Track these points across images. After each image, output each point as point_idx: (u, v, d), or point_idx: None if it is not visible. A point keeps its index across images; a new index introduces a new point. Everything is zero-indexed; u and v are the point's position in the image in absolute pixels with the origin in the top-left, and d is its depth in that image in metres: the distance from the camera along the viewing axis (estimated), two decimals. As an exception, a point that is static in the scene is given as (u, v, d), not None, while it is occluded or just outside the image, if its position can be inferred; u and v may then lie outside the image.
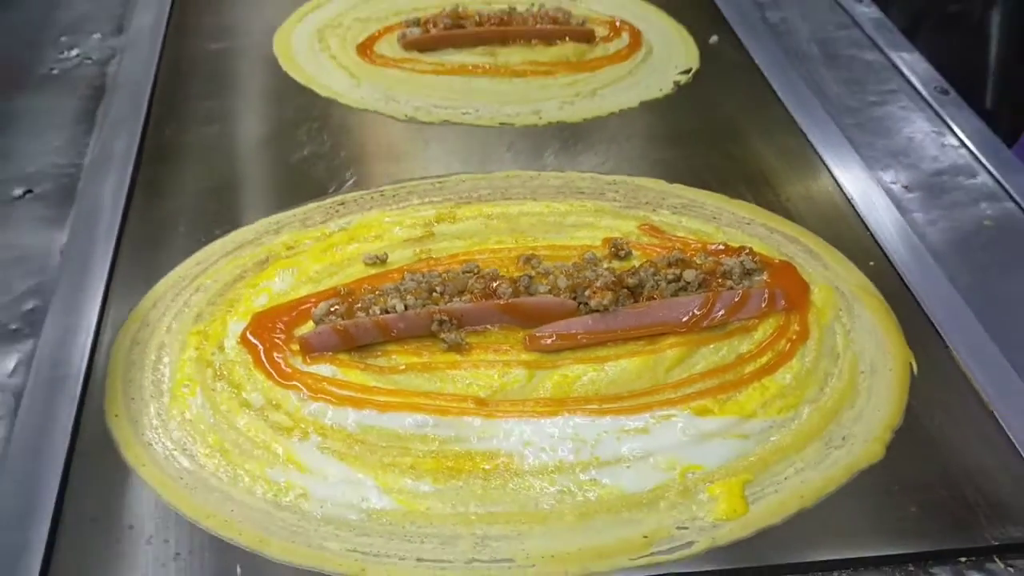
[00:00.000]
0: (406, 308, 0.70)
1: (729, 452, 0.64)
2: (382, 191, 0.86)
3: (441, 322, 0.70)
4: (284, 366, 0.67)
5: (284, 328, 0.70)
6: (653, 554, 0.57)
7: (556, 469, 0.62)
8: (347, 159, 0.91)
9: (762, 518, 0.60)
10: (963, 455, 0.64)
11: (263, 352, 0.68)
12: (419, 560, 0.57)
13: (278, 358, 0.68)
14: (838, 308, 0.75)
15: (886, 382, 0.69)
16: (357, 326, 0.68)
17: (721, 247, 0.80)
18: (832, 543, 0.59)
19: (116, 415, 0.64)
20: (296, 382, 0.66)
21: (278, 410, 0.65)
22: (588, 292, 0.72)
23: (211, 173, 0.89)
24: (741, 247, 0.79)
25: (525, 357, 0.69)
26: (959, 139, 0.96)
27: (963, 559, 0.58)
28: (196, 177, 0.88)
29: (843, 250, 0.81)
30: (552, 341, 0.70)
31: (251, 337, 0.70)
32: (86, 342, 0.69)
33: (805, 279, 0.77)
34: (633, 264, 0.77)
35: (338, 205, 0.84)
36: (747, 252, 0.78)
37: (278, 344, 0.69)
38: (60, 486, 0.59)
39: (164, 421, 0.64)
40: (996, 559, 0.58)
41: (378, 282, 0.74)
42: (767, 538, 0.59)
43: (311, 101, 1.00)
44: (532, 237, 0.81)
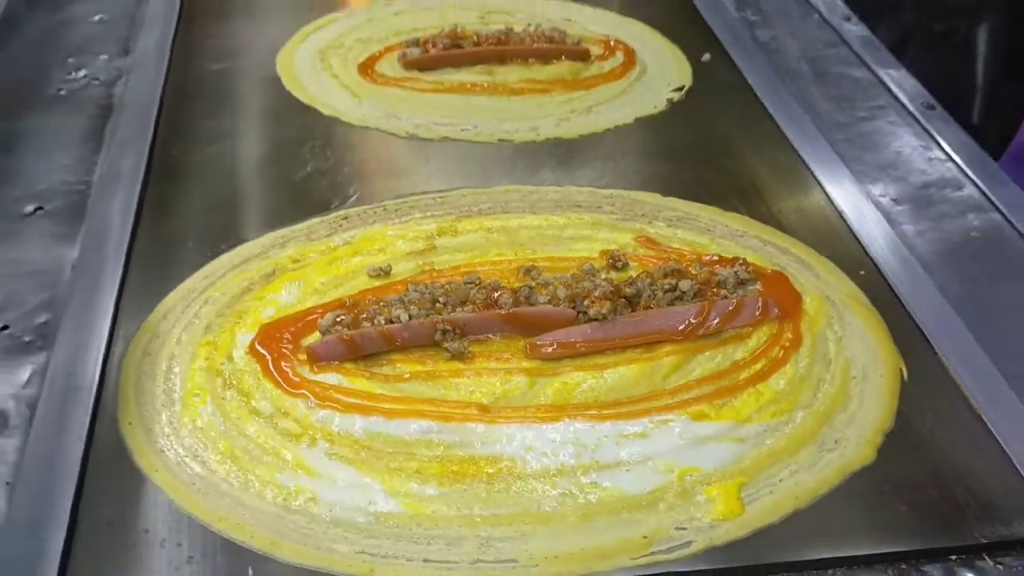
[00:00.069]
0: (410, 318, 0.72)
1: (725, 455, 0.65)
2: (385, 206, 0.88)
3: (444, 331, 0.71)
4: (292, 375, 0.69)
5: (291, 338, 0.72)
6: (653, 553, 0.59)
7: (558, 472, 0.64)
8: (350, 175, 0.93)
9: (758, 518, 0.61)
10: (953, 457, 0.66)
11: (271, 362, 0.70)
12: (426, 561, 0.58)
13: (286, 367, 0.70)
14: (830, 316, 0.77)
15: (877, 387, 0.71)
16: (363, 336, 0.70)
17: (716, 258, 0.82)
18: (826, 542, 0.60)
19: (129, 423, 0.66)
20: (304, 390, 0.68)
21: (287, 417, 0.67)
22: (587, 302, 0.74)
23: (217, 190, 0.90)
24: (735, 258, 0.81)
25: (526, 365, 0.71)
26: (946, 153, 0.98)
27: (954, 557, 0.60)
28: (203, 194, 0.90)
29: (834, 261, 0.83)
30: (552, 349, 0.72)
31: (259, 347, 0.71)
32: (98, 353, 0.70)
33: (797, 289, 0.79)
34: (630, 275, 0.79)
35: (342, 220, 0.86)
36: (741, 263, 0.80)
37: (286, 354, 0.71)
38: (76, 492, 0.60)
39: (176, 429, 0.66)
40: (986, 557, 0.60)
41: (382, 293, 0.76)
42: (763, 538, 0.60)
43: (314, 119, 1.02)
44: (531, 249, 0.83)
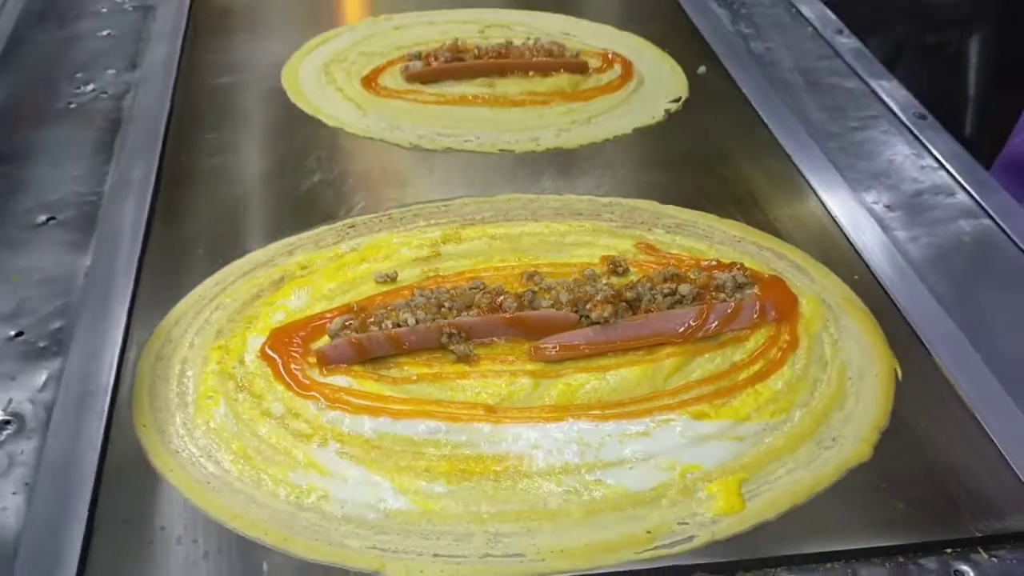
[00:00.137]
0: (417, 322, 0.73)
1: (725, 453, 0.67)
2: (390, 214, 0.90)
3: (450, 335, 0.73)
4: (302, 377, 0.71)
5: (301, 342, 0.74)
6: (656, 548, 0.60)
7: (563, 470, 0.65)
8: (355, 185, 0.95)
9: (758, 514, 0.63)
10: (947, 454, 0.67)
11: (282, 365, 0.72)
12: (435, 556, 0.60)
13: (296, 370, 0.71)
14: (826, 319, 0.79)
15: (872, 387, 0.73)
16: (371, 339, 0.72)
17: (714, 263, 0.84)
18: (825, 536, 0.62)
19: (144, 425, 0.67)
20: (314, 392, 0.70)
21: (298, 418, 0.68)
22: (589, 306, 0.75)
23: (226, 199, 0.92)
24: (733, 263, 0.83)
25: (530, 367, 0.73)
26: (937, 161, 1.01)
27: (949, 550, 0.61)
28: (212, 203, 0.91)
29: (829, 266, 0.85)
30: (556, 352, 0.73)
31: (270, 351, 0.73)
32: (112, 358, 0.72)
33: (794, 292, 0.81)
34: (631, 280, 0.81)
35: (348, 228, 0.88)
36: (738, 267, 0.82)
37: (296, 357, 0.72)
38: (93, 491, 0.62)
39: (189, 430, 0.67)
40: (980, 550, 0.61)
41: (389, 299, 0.78)
42: (763, 532, 0.62)
43: (319, 131, 1.04)
44: (534, 255, 0.85)
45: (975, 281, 0.84)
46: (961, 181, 0.97)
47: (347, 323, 0.73)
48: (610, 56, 1.19)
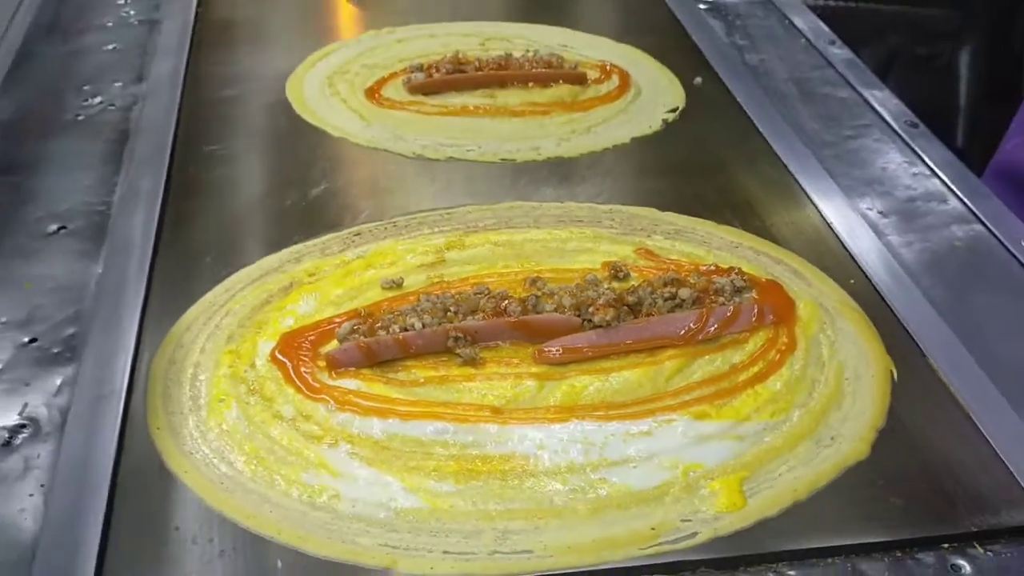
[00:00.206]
0: (423, 326, 0.75)
1: (727, 452, 0.69)
2: (395, 222, 0.91)
3: (456, 339, 0.75)
4: (312, 381, 0.72)
5: (310, 347, 0.75)
6: (661, 544, 0.62)
7: (568, 469, 0.67)
8: (360, 193, 0.97)
9: (759, 510, 0.64)
10: (943, 452, 0.69)
11: (292, 368, 0.73)
12: (445, 552, 0.61)
13: (306, 373, 0.73)
14: (822, 322, 0.81)
15: (869, 387, 0.74)
16: (379, 343, 0.73)
17: (712, 268, 0.85)
18: (825, 532, 0.63)
19: (158, 428, 0.69)
20: (324, 395, 0.71)
21: (308, 420, 0.70)
22: (591, 309, 0.77)
23: (234, 208, 0.94)
24: (731, 267, 0.85)
25: (535, 370, 0.74)
26: (930, 168, 1.03)
27: (946, 545, 0.63)
28: (220, 212, 0.93)
29: (825, 270, 0.87)
30: (559, 354, 0.75)
31: (280, 355, 0.74)
32: (126, 363, 0.73)
33: (791, 296, 0.83)
34: (631, 284, 0.83)
35: (354, 235, 0.89)
36: (737, 272, 0.84)
37: (305, 361, 0.74)
38: (109, 492, 0.63)
39: (203, 432, 0.69)
40: (976, 545, 0.63)
41: (396, 304, 0.79)
42: (765, 528, 0.63)
43: (324, 141, 1.06)
44: (536, 261, 0.86)
45: (968, 285, 0.86)
46: (953, 188, 0.99)
47: (355, 327, 0.75)
48: (608, 67, 1.21)
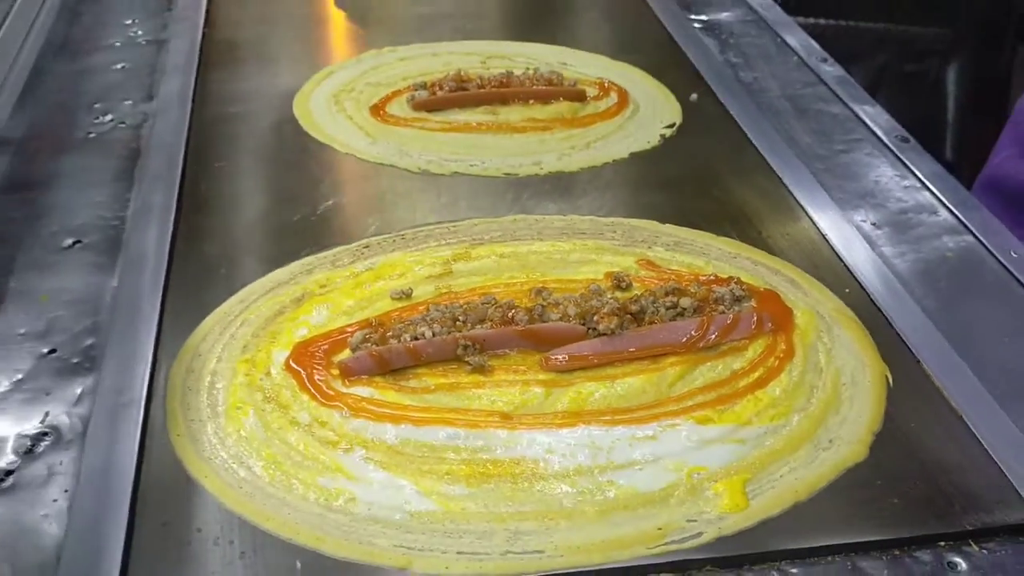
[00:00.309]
0: (433, 335, 0.77)
1: (729, 455, 0.71)
2: (402, 235, 0.94)
3: (465, 347, 0.77)
4: (326, 388, 0.74)
5: (323, 355, 0.77)
6: (667, 543, 0.64)
7: (576, 472, 0.69)
8: (368, 208, 0.99)
9: (762, 511, 0.66)
10: (938, 454, 0.71)
11: (306, 377, 0.75)
12: (459, 553, 0.63)
13: (320, 381, 0.75)
14: (819, 329, 0.83)
15: (866, 392, 0.77)
16: (390, 351, 0.76)
17: (712, 277, 0.88)
18: (825, 531, 0.65)
19: (178, 435, 0.71)
20: (338, 402, 0.73)
21: (324, 427, 0.72)
22: (596, 318, 0.79)
23: (245, 223, 0.96)
24: (730, 277, 0.87)
25: (542, 377, 0.76)
26: (920, 181, 1.06)
27: (942, 543, 0.65)
28: (232, 226, 0.95)
29: (821, 280, 0.90)
30: (566, 362, 0.77)
31: (294, 364, 0.76)
32: (144, 372, 0.75)
33: (788, 305, 0.85)
34: (634, 294, 0.85)
35: (363, 248, 0.92)
36: (735, 281, 0.86)
37: (319, 369, 0.76)
38: (132, 497, 0.65)
39: (221, 438, 0.70)
40: (971, 543, 0.65)
41: (406, 314, 0.82)
42: (768, 528, 0.65)
43: (331, 157, 1.08)
44: (541, 272, 0.89)
45: (959, 293, 0.89)
46: (943, 200, 1.02)
47: (367, 337, 0.77)
48: (606, 85, 1.24)
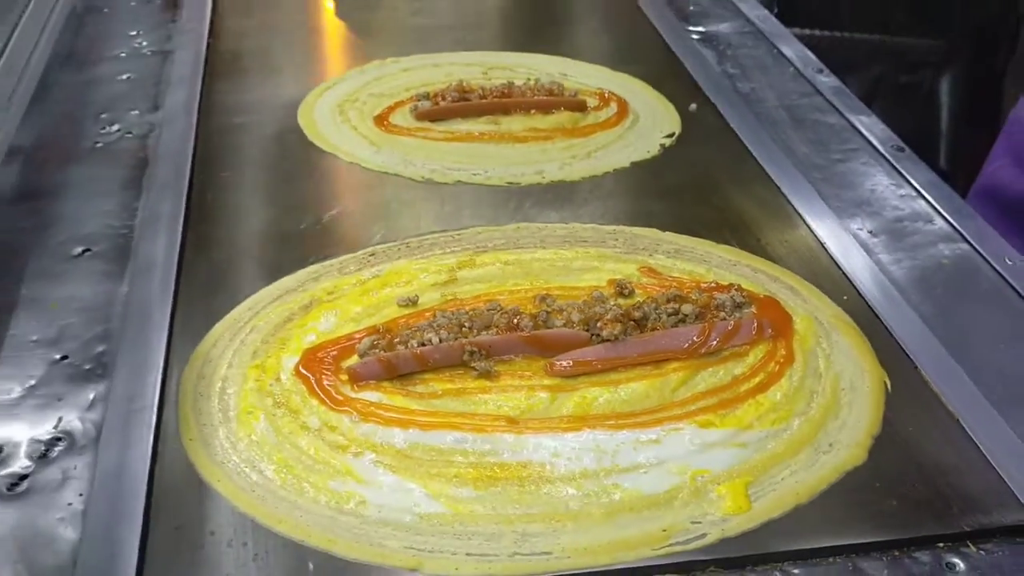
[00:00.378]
0: (440, 341, 0.78)
1: (732, 458, 0.72)
2: (407, 243, 0.95)
3: (472, 352, 0.78)
4: (335, 394, 0.75)
5: (332, 361, 0.78)
6: (672, 545, 0.65)
7: (582, 475, 0.70)
8: (373, 216, 1.00)
9: (764, 512, 0.68)
10: (936, 457, 0.72)
11: (315, 382, 0.76)
12: (468, 554, 0.64)
13: (329, 386, 0.76)
14: (818, 336, 0.85)
15: (864, 397, 0.78)
16: (398, 357, 0.77)
17: (713, 284, 0.89)
18: (826, 532, 0.66)
19: (191, 439, 0.72)
20: (347, 407, 0.74)
21: (334, 431, 0.73)
22: (599, 324, 0.81)
23: (253, 231, 0.97)
24: (730, 284, 0.89)
25: (547, 382, 0.78)
26: (916, 190, 1.07)
27: (941, 544, 0.66)
28: (239, 235, 0.96)
29: (819, 287, 0.91)
30: (570, 367, 0.78)
31: (303, 370, 0.78)
32: (156, 378, 0.76)
33: (788, 311, 0.87)
34: (636, 301, 0.87)
35: (369, 256, 0.93)
36: (736, 288, 0.88)
37: (328, 375, 0.77)
38: (146, 500, 0.66)
39: (233, 443, 0.72)
40: (969, 544, 0.66)
41: (413, 320, 0.83)
42: (770, 529, 0.66)
43: (336, 166, 1.09)
44: (545, 279, 0.90)
45: (955, 300, 0.90)
46: (939, 208, 1.03)
47: (375, 343, 0.78)
48: (606, 95, 1.25)
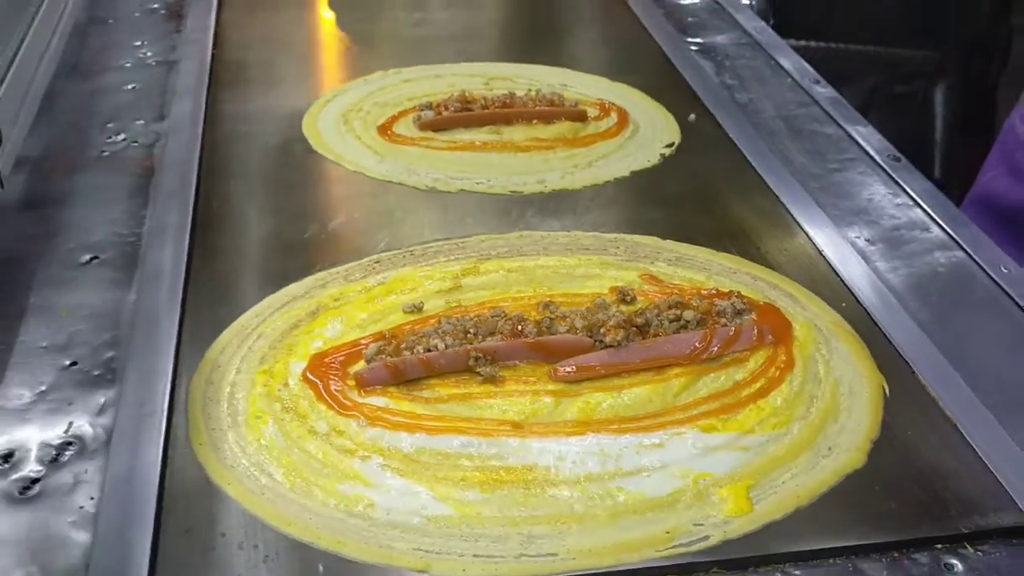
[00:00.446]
0: (446, 347, 0.79)
1: (733, 462, 0.73)
2: (412, 250, 0.96)
3: (477, 358, 0.79)
4: (343, 399, 0.76)
5: (339, 367, 0.79)
6: (675, 546, 0.66)
7: (586, 479, 0.71)
8: (378, 224, 1.01)
9: (766, 515, 0.69)
10: (934, 461, 0.73)
11: (323, 387, 0.77)
12: (475, 556, 0.65)
13: (336, 391, 0.77)
14: (818, 342, 0.86)
15: (863, 402, 0.79)
16: (405, 362, 0.78)
17: (714, 292, 0.91)
18: (827, 534, 0.67)
19: (200, 444, 0.73)
20: (355, 412, 0.75)
21: (341, 436, 0.74)
22: (602, 330, 0.82)
23: (259, 238, 0.98)
24: (731, 291, 0.90)
25: (551, 387, 0.79)
26: (912, 199, 1.09)
27: (939, 546, 0.67)
28: (246, 243, 0.97)
29: (818, 294, 0.93)
30: (574, 373, 0.80)
31: (311, 375, 0.79)
32: (165, 383, 0.77)
33: (788, 318, 0.88)
34: (638, 307, 0.88)
35: (374, 263, 0.94)
36: (736, 295, 0.89)
37: (335, 380, 0.78)
38: (157, 503, 0.67)
39: (243, 447, 0.73)
40: (967, 545, 0.67)
41: (418, 326, 0.84)
42: (771, 531, 0.67)
43: (341, 175, 1.11)
44: (548, 287, 0.91)
45: (951, 307, 0.91)
46: (935, 217, 1.05)
47: (382, 349, 0.79)
48: (607, 105, 1.27)
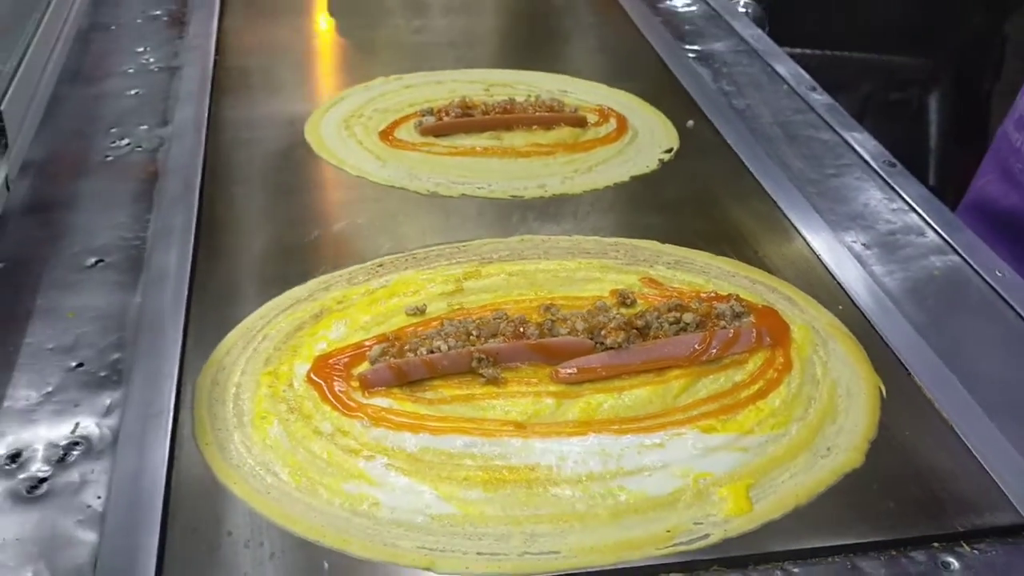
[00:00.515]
0: (449, 348, 0.80)
1: (733, 462, 0.74)
2: (414, 254, 0.97)
3: (480, 360, 0.80)
4: (347, 399, 0.77)
5: (343, 368, 0.80)
6: (676, 545, 0.67)
7: (588, 478, 0.72)
8: (380, 228, 1.02)
9: (765, 514, 0.70)
10: (930, 460, 0.75)
11: (327, 388, 0.78)
12: (479, 554, 0.66)
13: (341, 393, 0.78)
14: (815, 344, 0.87)
15: (860, 403, 0.80)
16: (408, 364, 0.79)
17: (713, 294, 0.92)
18: (825, 533, 0.68)
19: (206, 443, 0.73)
20: (359, 412, 0.76)
21: (346, 436, 0.75)
22: (603, 333, 0.83)
23: (262, 242, 0.99)
24: (729, 294, 0.91)
25: (553, 388, 0.80)
26: (908, 204, 1.10)
27: (936, 544, 0.68)
28: (250, 247, 0.98)
29: (815, 297, 0.94)
30: (575, 374, 0.81)
31: (315, 377, 0.79)
32: (171, 384, 0.78)
33: (786, 320, 0.89)
34: (638, 310, 0.89)
35: (377, 267, 0.95)
36: (735, 298, 0.90)
37: (339, 381, 0.79)
38: (164, 502, 0.67)
39: (248, 447, 0.73)
40: (963, 544, 0.68)
41: (422, 328, 0.85)
42: (771, 530, 0.68)
43: (343, 180, 1.12)
44: (549, 290, 0.92)
45: (947, 310, 0.93)
46: (930, 222, 1.06)
47: (386, 350, 0.80)
48: (606, 111, 1.28)
